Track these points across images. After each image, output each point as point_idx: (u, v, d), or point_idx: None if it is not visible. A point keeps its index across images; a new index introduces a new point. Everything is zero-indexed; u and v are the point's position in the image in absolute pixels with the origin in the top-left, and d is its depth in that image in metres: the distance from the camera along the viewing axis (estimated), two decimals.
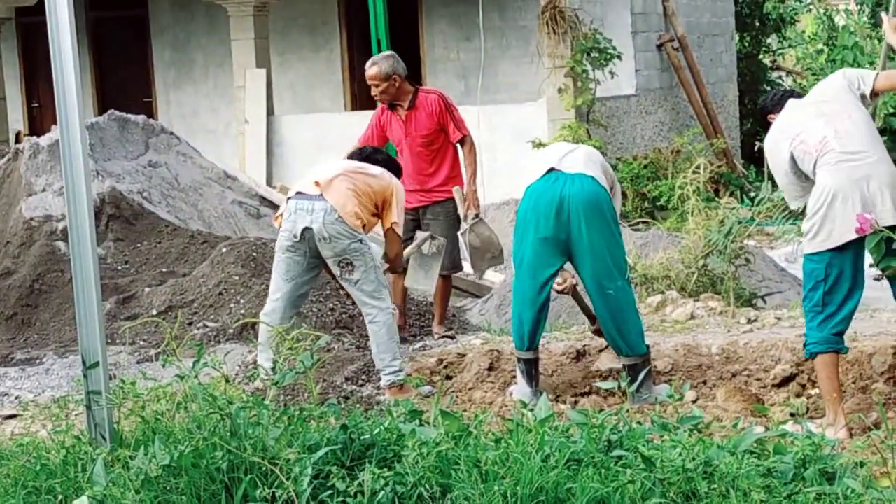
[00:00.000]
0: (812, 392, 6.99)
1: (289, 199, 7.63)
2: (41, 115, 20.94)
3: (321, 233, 7.40)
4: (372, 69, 8.90)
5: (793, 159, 6.42)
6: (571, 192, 6.98)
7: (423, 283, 8.62)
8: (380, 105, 9.12)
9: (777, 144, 6.52)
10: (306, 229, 7.43)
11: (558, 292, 7.53)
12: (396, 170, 8.08)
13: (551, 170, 7.07)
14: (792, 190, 6.56)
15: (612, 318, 7.10)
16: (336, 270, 7.56)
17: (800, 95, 6.83)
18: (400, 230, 7.84)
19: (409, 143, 8.89)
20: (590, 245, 7.01)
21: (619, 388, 5.14)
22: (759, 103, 7.14)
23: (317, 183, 7.51)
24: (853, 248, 6.24)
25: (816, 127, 6.38)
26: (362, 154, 8.05)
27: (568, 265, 7.26)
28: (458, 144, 9.01)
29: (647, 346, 7.24)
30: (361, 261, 7.47)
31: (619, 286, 7.09)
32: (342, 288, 8.25)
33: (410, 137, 8.89)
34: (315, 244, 7.47)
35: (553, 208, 6.97)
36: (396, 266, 8.15)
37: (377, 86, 8.87)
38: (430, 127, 8.90)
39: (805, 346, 6.36)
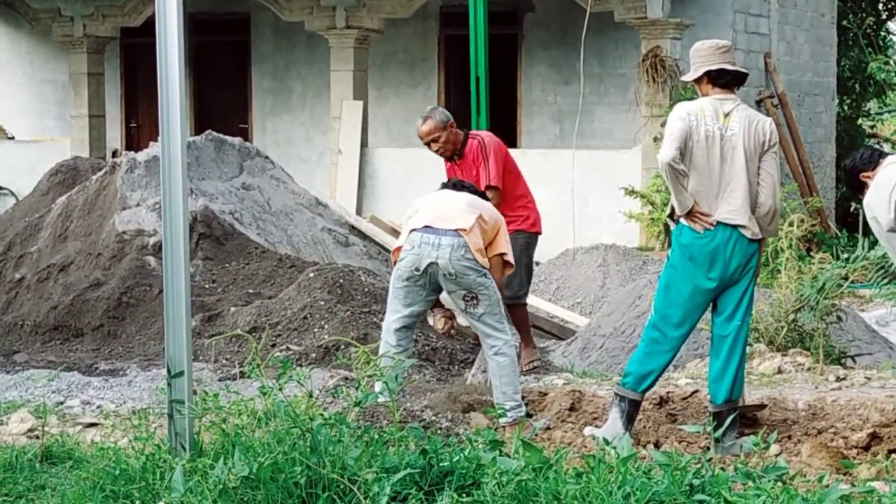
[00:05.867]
0: None
1: (413, 230, 7.43)
2: (138, 135, 21.23)
3: (447, 268, 7.28)
4: (426, 124, 8.60)
5: None
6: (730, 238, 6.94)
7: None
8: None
9: (880, 199, 6.42)
10: (431, 264, 7.33)
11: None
12: (483, 198, 7.99)
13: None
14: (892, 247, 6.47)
15: (732, 352, 7.00)
16: (461, 304, 7.42)
17: (887, 154, 6.76)
18: (511, 258, 7.71)
19: None
20: (744, 284, 6.98)
21: (705, 431, 5.06)
22: (847, 164, 7.00)
23: (447, 220, 7.39)
24: None
25: None
26: (452, 184, 7.96)
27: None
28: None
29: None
30: (486, 294, 7.38)
31: (748, 321, 7.09)
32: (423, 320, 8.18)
33: None
34: (437, 278, 7.36)
35: (718, 257, 6.92)
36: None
37: (437, 138, 8.58)
38: (474, 175, 8.64)
39: None
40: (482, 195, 7.99)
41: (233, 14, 20.35)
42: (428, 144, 8.71)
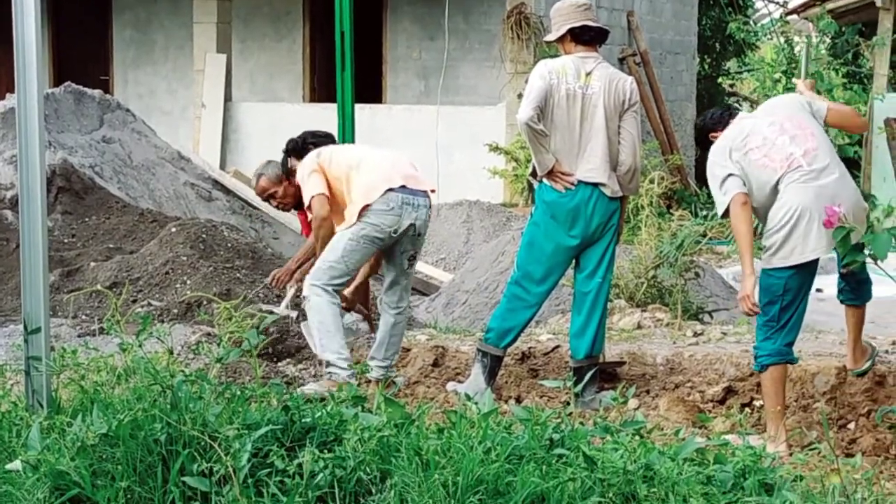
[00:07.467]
0: (756, 404, 7.01)
1: (390, 190, 7.21)
2: None
3: (421, 229, 7.33)
4: (260, 181, 8.00)
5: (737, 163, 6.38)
6: (591, 196, 6.99)
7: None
8: None
9: (723, 152, 6.46)
10: (410, 226, 7.26)
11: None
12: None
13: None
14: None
15: (593, 309, 7.09)
16: (405, 264, 7.47)
17: (738, 113, 6.80)
18: None
19: None
20: (605, 242, 7.09)
21: (565, 386, 5.12)
22: (699, 122, 7.08)
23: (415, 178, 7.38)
24: (812, 266, 6.28)
25: (782, 144, 6.37)
26: (315, 137, 7.86)
27: None
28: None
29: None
30: (419, 252, 7.59)
31: (609, 278, 7.21)
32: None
33: None
34: (401, 238, 7.31)
35: (580, 215, 6.99)
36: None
37: (274, 194, 7.98)
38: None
39: (756, 357, 6.36)
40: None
41: None
42: (266, 200, 8.27)
